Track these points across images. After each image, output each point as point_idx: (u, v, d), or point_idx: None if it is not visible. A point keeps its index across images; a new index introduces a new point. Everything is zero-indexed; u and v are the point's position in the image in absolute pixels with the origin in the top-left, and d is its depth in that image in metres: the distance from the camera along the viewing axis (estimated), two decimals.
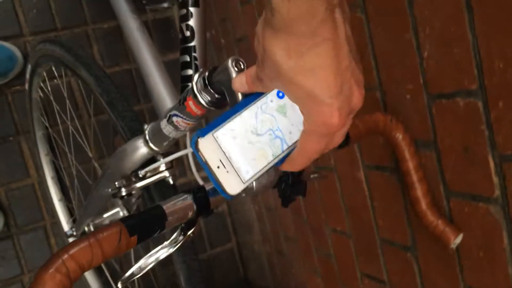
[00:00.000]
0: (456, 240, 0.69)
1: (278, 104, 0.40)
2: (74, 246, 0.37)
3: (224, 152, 0.38)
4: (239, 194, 0.39)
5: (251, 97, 0.40)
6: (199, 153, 0.37)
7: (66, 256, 0.36)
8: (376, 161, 0.85)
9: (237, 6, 1.20)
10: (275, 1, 0.28)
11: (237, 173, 0.38)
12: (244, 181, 0.39)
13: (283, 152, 0.40)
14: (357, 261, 1.00)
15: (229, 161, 0.38)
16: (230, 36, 1.35)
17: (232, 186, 0.38)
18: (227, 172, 0.38)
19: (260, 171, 0.39)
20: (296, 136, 0.40)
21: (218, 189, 0.38)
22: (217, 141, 0.38)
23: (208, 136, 0.37)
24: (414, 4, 0.66)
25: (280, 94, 0.40)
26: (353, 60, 0.33)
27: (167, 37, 1.51)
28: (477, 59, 0.59)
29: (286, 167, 0.40)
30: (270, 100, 0.40)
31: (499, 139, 0.60)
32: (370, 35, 0.77)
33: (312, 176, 0.64)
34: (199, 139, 0.37)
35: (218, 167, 0.37)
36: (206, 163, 0.37)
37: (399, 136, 0.68)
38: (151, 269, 0.47)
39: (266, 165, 0.40)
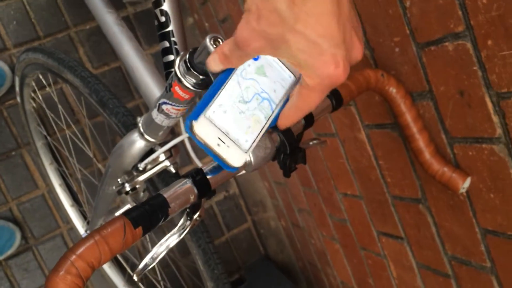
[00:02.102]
0: (465, 185, 0.68)
1: (256, 66, 0.39)
2: (81, 245, 0.37)
3: (219, 129, 0.38)
4: (243, 166, 0.39)
5: (229, 69, 0.40)
6: (196, 136, 0.37)
7: (74, 257, 0.36)
8: (375, 119, 0.84)
9: None
10: None
11: (237, 145, 0.39)
12: (245, 151, 0.39)
13: (273, 112, 0.40)
14: (371, 221, 1.00)
15: (227, 136, 0.39)
16: (213, 18, 1.33)
17: (236, 158, 0.39)
18: (228, 147, 0.38)
19: (257, 136, 0.40)
20: (280, 93, 0.40)
21: (223, 165, 0.39)
22: (210, 120, 0.38)
23: (201, 118, 0.37)
24: None
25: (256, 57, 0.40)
26: (353, 11, 0.32)
27: (151, 29, 1.50)
28: None
29: (283, 124, 0.40)
30: (247, 65, 0.39)
31: (493, 78, 0.59)
32: None
33: (311, 143, 0.64)
34: (193, 123, 0.37)
35: (218, 144, 0.38)
36: (205, 145, 0.38)
37: (393, 90, 0.68)
38: (173, 260, 0.48)
39: (262, 129, 0.40)
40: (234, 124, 0.39)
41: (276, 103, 0.40)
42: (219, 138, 0.38)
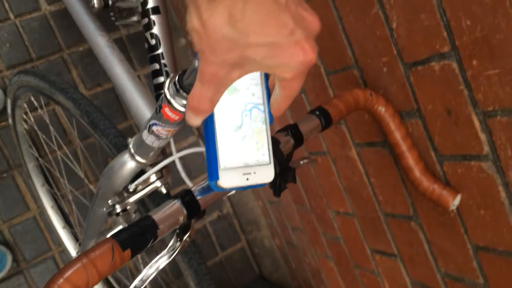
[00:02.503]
0: (455, 202, 0.69)
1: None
2: (68, 269, 0.37)
3: (239, 167, 0.40)
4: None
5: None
6: (227, 188, 0.39)
7: (61, 280, 0.36)
8: (365, 137, 0.85)
9: None
10: None
11: (261, 165, 0.41)
12: (269, 162, 0.41)
13: (265, 111, 0.41)
14: (365, 239, 1.00)
15: (248, 166, 0.40)
16: None
17: (267, 175, 0.41)
18: (255, 173, 0.40)
19: (268, 143, 0.42)
20: (259, 91, 0.41)
21: (259, 186, 0.41)
22: (228, 169, 0.39)
23: (220, 173, 0.39)
24: None
25: None
26: None
27: (144, 50, 1.51)
28: (445, 20, 0.59)
29: (277, 115, 0.41)
30: None
31: (479, 96, 0.60)
32: (339, 15, 0.76)
33: (301, 162, 0.64)
34: (218, 183, 0.39)
35: (247, 179, 0.40)
36: (238, 187, 0.40)
37: (382, 109, 0.68)
38: (165, 282, 0.47)
39: (267, 134, 0.42)
40: (246, 153, 0.40)
41: (262, 102, 0.41)
42: (244, 174, 0.40)
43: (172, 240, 0.49)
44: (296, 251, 1.40)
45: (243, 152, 0.40)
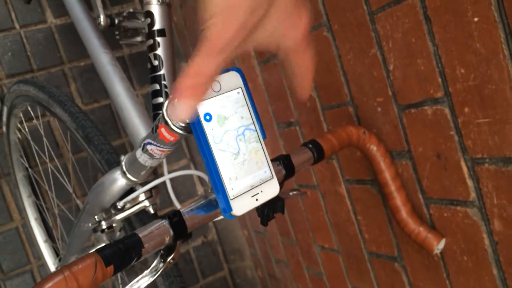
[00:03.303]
0: (439, 246, 0.69)
1: (215, 123, 0.41)
2: (49, 280, 0.37)
3: (246, 192, 0.42)
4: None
5: (198, 139, 0.41)
6: (241, 215, 0.42)
7: None
8: (356, 175, 0.86)
9: None
10: None
11: (266, 182, 0.43)
12: (271, 177, 0.44)
13: (256, 130, 0.43)
14: (347, 276, 1.00)
15: (255, 187, 0.42)
16: None
17: (273, 189, 0.44)
18: (262, 191, 0.43)
19: (267, 159, 0.44)
20: (246, 111, 0.42)
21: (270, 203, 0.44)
22: (237, 197, 0.41)
23: (232, 204, 0.41)
24: (375, 19, 0.69)
25: (208, 118, 0.41)
26: None
27: (145, 70, 1.53)
28: (440, 67, 0.61)
29: (305, 95, 0.39)
30: (211, 129, 0.41)
31: (469, 143, 0.62)
32: (338, 52, 0.79)
33: (291, 193, 0.65)
34: (232, 213, 0.41)
35: (256, 200, 0.42)
36: (251, 209, 0.42)
37: (373, 147, 0.70)
38: None
39: (263, 150, 0.44)
40: (249, 175, 0.42)
41: (252, 122, 0.43)
42: (252, 196, 0.42)
43: (155, 261, 0.48)
44: (278, 284, 1.39)
45: (247, 176, 0.42)
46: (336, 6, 0.76)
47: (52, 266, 1.28)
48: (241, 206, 0.41)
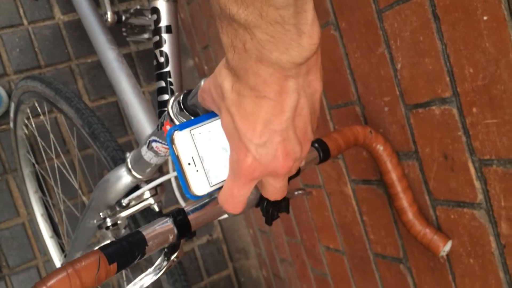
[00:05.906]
0: (445, 248, 0.69)
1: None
2: (52, 277, 0.36)
3: (197, 150, 0.38)
4: (204, 198, 0.39)
5: None
6: (173, 146, 0.38)
7: None
8: (362, 175, 0.85)
9: (218, 33, 1.22)
10: (228, 50, 0.31)
11: (206, 175, 0.38)
12: (211, 185, 0.39)
13: None
14: (352, 277, 0.99)
15: (201, 160, 0.38)
16: (213, 63, 1.37)
17: (198, 186, 0.38)
18: (197, 171, 0.38)
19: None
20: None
21: (184, 186, 0.38)
22: (193, 138, 0.38)
23: (185, 131, 0.38)
24: (383, 17, 0.68)
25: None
26: (295, 135, 0.33)
27: (151, 68, 1.53)
28: (448, 66, 0.61)
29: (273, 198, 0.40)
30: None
31: (477, 144, 0.61)
32: (345, 51, 0.78)
33: (296, 192, 0.64)
34: (175, 132, 0.37)
35: (189, 163, 0.38)
36: (177, 157, 0.38)
37: (380, 147, 0.69)
38: None
39: None
40: (213, 155, 0.39)
41: None
42: (192, 158, 0.38)
43: (159, 259, 0.48)
44: (283, 284, 1.38)
45: (211, 152, 0.39)
46: (343, 4, 0.75)
47: (57, 262, 1.28)
48: (182, 143, 0.38)
